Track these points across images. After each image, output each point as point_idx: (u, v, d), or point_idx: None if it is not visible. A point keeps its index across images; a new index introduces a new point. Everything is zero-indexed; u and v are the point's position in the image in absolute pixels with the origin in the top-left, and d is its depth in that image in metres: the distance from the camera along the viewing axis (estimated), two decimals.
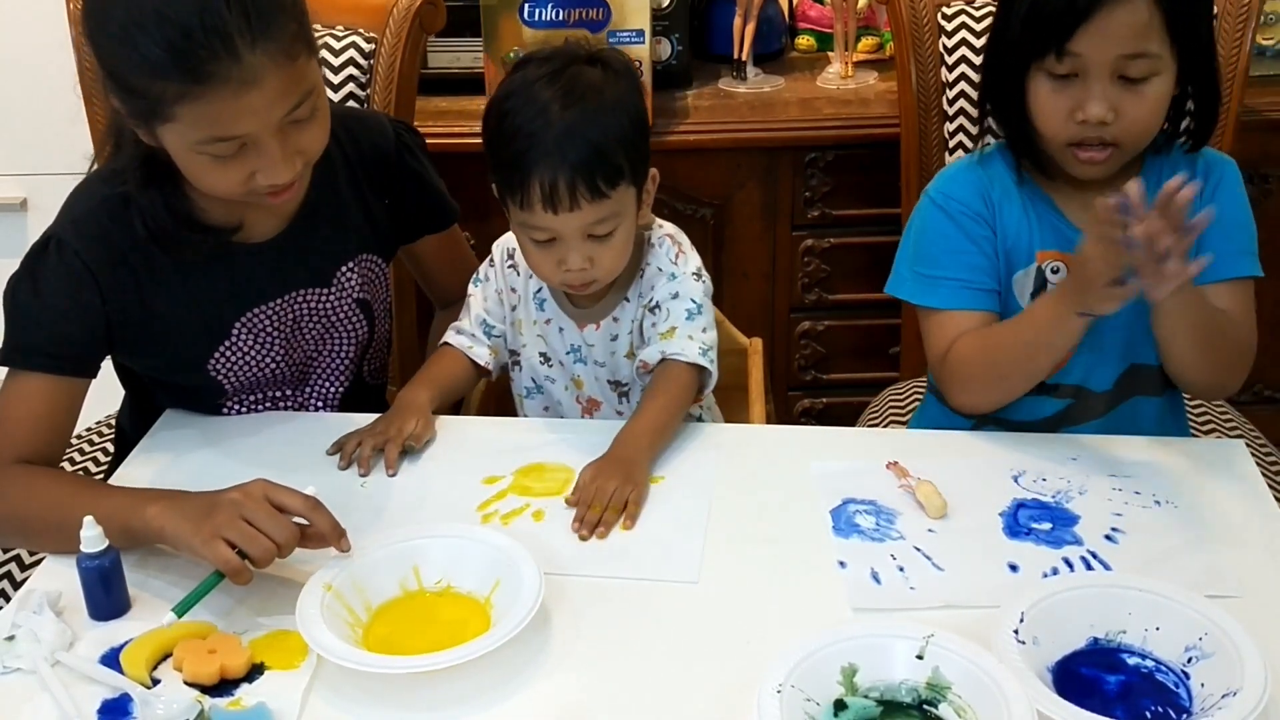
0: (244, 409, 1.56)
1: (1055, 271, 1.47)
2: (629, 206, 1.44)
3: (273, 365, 1.53)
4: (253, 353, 1.51)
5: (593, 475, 1.36)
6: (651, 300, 1.51)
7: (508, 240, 1.58)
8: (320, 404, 1.60)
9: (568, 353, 1.56)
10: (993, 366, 1.44)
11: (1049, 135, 1.41)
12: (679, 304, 1.50)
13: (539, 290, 1.56)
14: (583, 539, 1.30)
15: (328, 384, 1.60)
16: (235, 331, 1.49)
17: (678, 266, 1.51)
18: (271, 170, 1.31)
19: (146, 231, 1.39)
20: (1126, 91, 1.35)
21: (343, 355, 1.59)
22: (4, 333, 1.40)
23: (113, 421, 1.82)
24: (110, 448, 1.79)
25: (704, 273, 1.53)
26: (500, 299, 1.59)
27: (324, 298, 1.54)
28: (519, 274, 1.57)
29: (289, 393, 1.58)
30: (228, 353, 1.50)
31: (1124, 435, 1.47)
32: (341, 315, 1.56)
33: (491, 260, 1.60)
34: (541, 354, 1.57)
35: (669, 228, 1.56)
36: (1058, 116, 1.38)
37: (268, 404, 1.58)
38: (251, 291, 1.49)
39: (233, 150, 1.29)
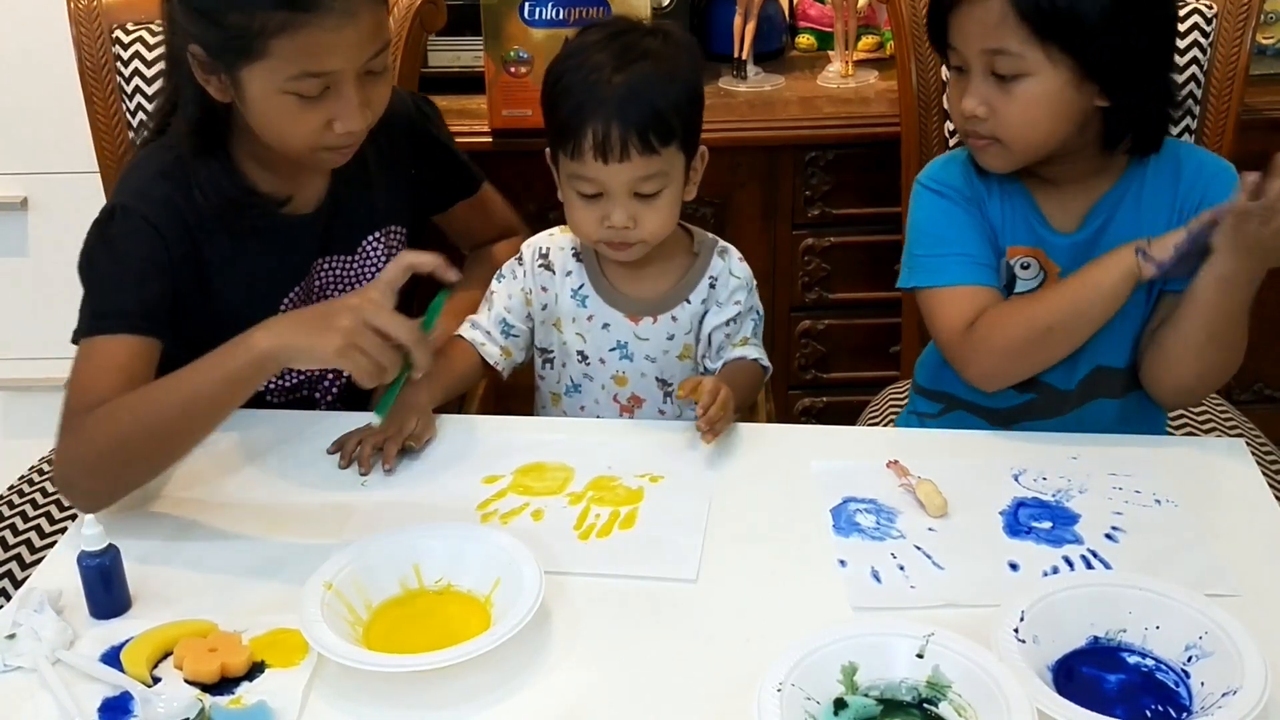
0: (273, 385, 1.57)
1: (1026, 267, 1.48)
2: (677, 170, 1.46)
3: None
4: None
5: (708, 379, 1.43)
6: (735, 313, 1.55)
7: (539, 240, 1.59)
8: (333, 376, 1.61)
9: (611, 349, 1.56)
10: (1038, 320, 1.42)
11: (956, 126, 1.46)
12: (750, 314, 1.57)
13: (580, 286, 1.56)
14: (706, 442, 1.41)
15: None
16: (283, 308, 1.51)
17: (751, 277, 1.58)
18: (349, 116, 1.36)
19: (204, 199, 1.41)
20: (999, 89, 1.38)
21: None
22: (85, 302, 1.39)
23: None
24: None
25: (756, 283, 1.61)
26: (526, 298, 1.58)
27: (348, 265, 1.56)
28: (553, 273, 1.57)
29: (319, 371, 1.59)
30: None
31: (1124, 435, 1.47)
32: (363, 285, 1.58)
33: (520, 259, 1.60)
34: (579, 352, 1.57)
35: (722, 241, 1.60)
36: (954, 108, 1.44)
37: (292, 378, 1.58)
38: (297, 266, 1.52)
39: (316, 90, 1.33)
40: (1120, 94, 1.38)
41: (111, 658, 1.15)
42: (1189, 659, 1.10)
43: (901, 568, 1.25)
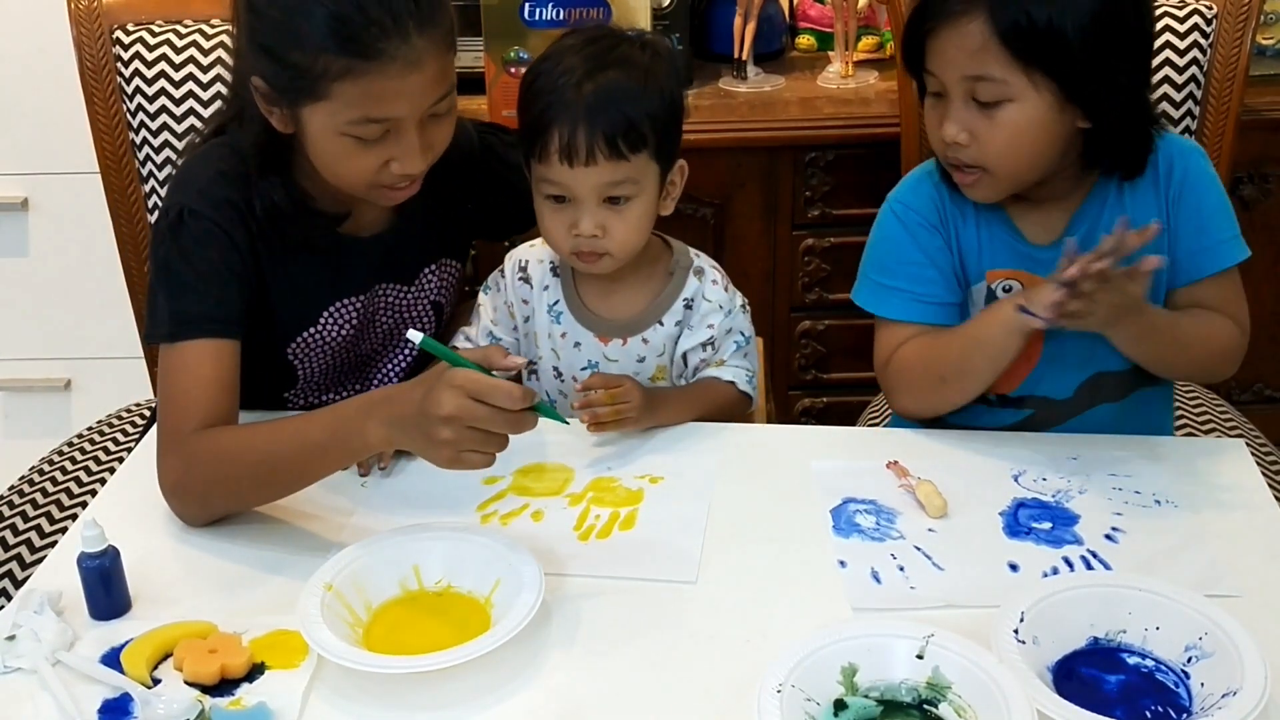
0: (306, 405, 1.58)
1: (1007, 290, 1.46)
2: (649, 180, 1.44)
3: (344, 355, 1.56)
4: (333, 342, 1.53)
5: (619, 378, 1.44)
6: (709, 336, 1.52)
7: (520, 252, 1.58)
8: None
9: (583, 368, 1.55)
10: (932, 368, 1.44)
11: (936, 152, 1.43)
12: (731, 338, 1.53)
13: (555, 303, 1.55)
14: (581, 417, 1.38)
15: (390, 380, 1.62)
16: (323, 320, 1.51)
17: (730, 299, 1.53)
18: (408, 159, 1.35)
19: (264, 212, 1.41)
20: (981, 116, 1.35)
21: (407, 353, 1.62)
22: (162, 307, 1.39)
23: (132, 406, 1.85)
24: (128, 429, 1.85)
25: (747, 304, 1.56)
26: (510, 311, 1.58)
27: (404, 294, 1.56)
28: (531, 286, 1.56)
29: (361, 392, 1.60)
30: (310, 339, 1.51)
31: (1124, 435, 1.47)
32: (415, 313, 1.59)
33: (503, 271, 1.59)
34: (555, 368, 1.57)
35: (709, 260, 1.57)
36: (934, 133, 1.41)
37: (330, 399, 1.59)
38: (345, 283, 1.51)
39: (377, 134, 1.32)
40: (1102, 115, 1.36)
41: (111, 659, 1.15)
42: (1189, 660, 1.10)
43: (901, 568, 1.25)
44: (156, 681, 1.13)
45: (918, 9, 1.39)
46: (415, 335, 1.19)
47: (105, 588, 1.20)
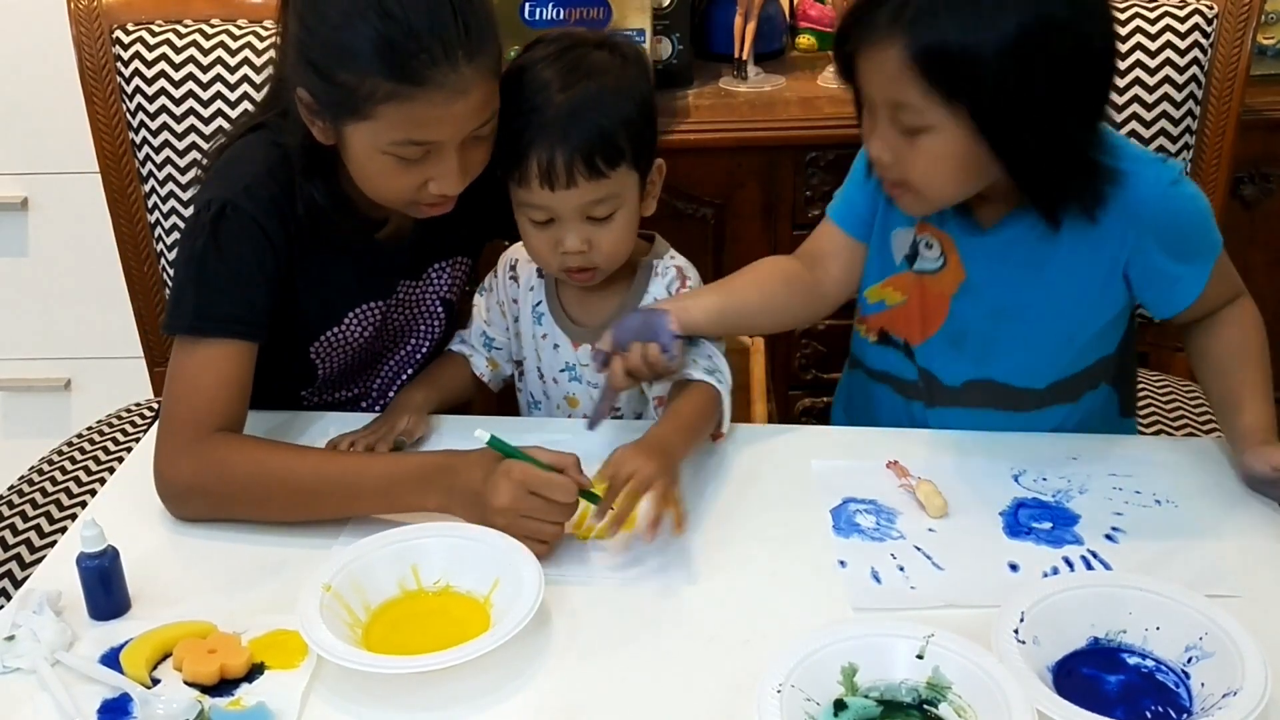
0: (319, 402, 1.58)
1: (929, 247, 1.47)
2: (630, 190, 1.42)
3: (362, 354, 1.56)
4: (354, 342, 1.54)
5: (629, 455, 1.27)
6: None
7: (513, 252, 1.58)
8: (388, 394, 1.62)
9: (561, 370, 1.55)
10: None
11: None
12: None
13: (538, 304, 1.55)
14: (599, 535, 1.26)
15: (398, 375, 1.62)
16: (347, 320, 1.52)
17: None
18: (447, 180, 1.36)
19: (306, 212, 1.41)
20: (904, 139, 1.32)
21: (417, 349, 1.62)
22: (189, 300, 1.38)
23: (131, 406, 1.85)
24: (128, 429, 1.85)
25: None
26: (502, 311, 1.58)
27: (412, 288, 1.56)
28: (519, 285, 1.56)
29: (366, 388, 1.61)
30: (332, 338, 1.52)
31: (1124, 435, 1.47)
32: (424, 309, 1.59)
33: (496, 271, 1.59)
34: (538, 369, 1.57)
35: (680, 260, 1.54)
36: (866, 145, 1.39)
37: (344, 403, 1.60)
38: (371, 286, 1.52)
39: (418, 155, 1.33)
40: (1013, 153, 1.29)
41: (111, 659, 1.15)
42: (1189, 660, 1.10)
43: (901, 568, 1.25)
44: (156, 681, 1.13)
45: (841, 28, 1.35)
46: (483, 434, 1.26)
47: (105, 588, 1.20)
